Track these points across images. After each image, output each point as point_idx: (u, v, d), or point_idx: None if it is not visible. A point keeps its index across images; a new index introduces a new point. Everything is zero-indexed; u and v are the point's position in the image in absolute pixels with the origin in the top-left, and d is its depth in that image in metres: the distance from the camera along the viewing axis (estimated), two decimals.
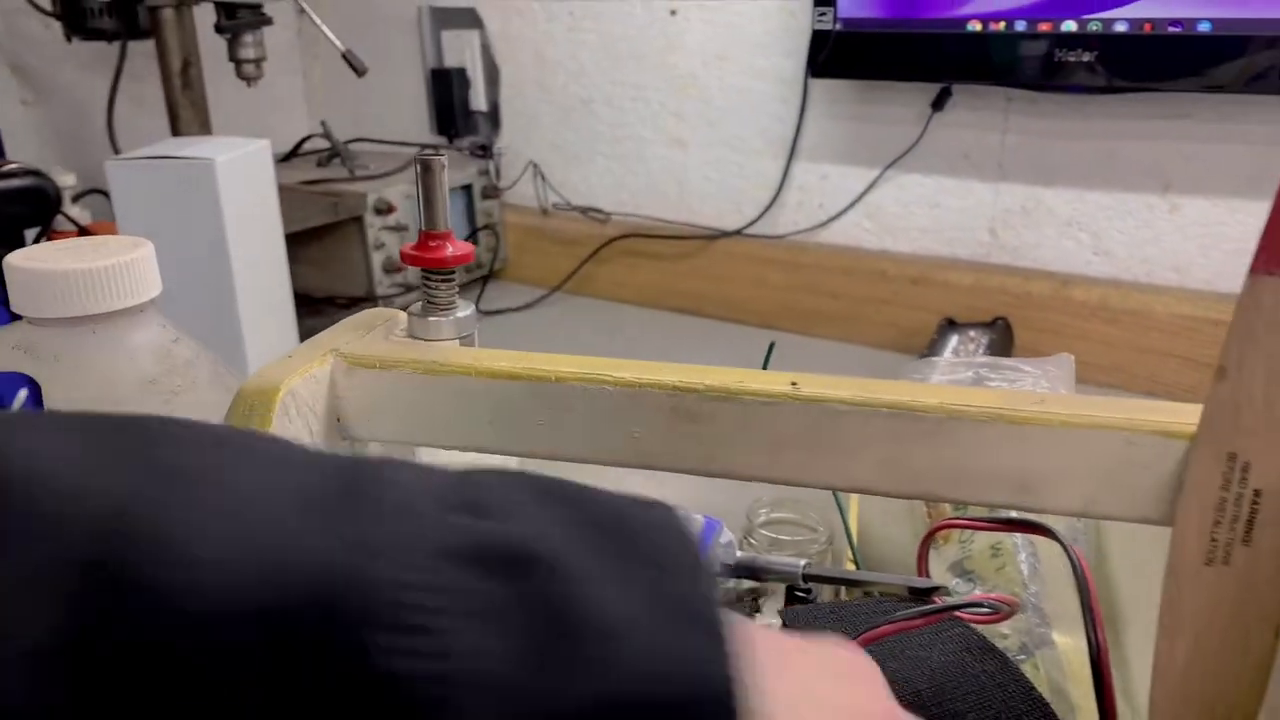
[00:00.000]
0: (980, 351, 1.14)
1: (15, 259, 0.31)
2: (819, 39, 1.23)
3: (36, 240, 1.01)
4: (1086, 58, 1.06)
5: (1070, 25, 1.05)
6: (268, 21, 1.20)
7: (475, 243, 1.50)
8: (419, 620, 0.15)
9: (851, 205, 1.37)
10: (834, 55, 1.23)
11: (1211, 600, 0.24)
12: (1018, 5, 1.08)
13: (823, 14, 1.20)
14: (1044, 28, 1.07)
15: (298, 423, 0.29)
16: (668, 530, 0.19)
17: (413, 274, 1.36)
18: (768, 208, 1.42)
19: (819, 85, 1.32)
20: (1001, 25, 1.09)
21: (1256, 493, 0.24)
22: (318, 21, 1.21)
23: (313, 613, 0.15)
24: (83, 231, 1.07)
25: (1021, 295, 1.23)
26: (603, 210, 1.54)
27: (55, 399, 0.32)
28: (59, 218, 1.03)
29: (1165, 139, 1.14)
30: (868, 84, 1.29)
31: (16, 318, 0.33)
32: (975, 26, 1.11)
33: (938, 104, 1.24)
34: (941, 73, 1.20)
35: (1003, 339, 1.20)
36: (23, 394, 0.87)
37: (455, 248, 0.34)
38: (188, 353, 0.34)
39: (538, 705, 0.15)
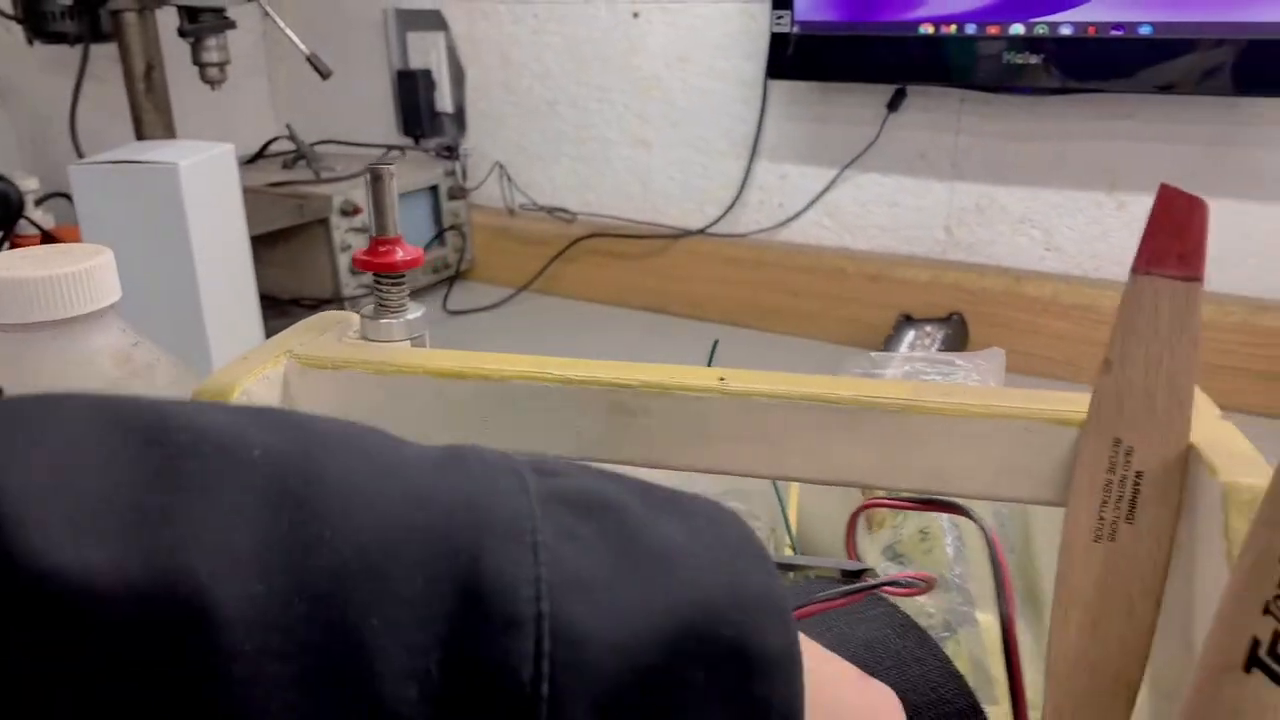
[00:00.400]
0: (936, 346, 1.17)
1: None
2: (777, 41, 1.25)
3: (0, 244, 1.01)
4: (1034, 60, 1.09)
5: (1018, 28, 1.08)
6: (231, 25, 1.21)
7: (443, 243, 1.52)
8: (530, 540, 0.19)
9: (811, 204, 1.39)
10: (792, 57, 1.25)
11: (1100, 574, 0.26)
12: (968, 9, 1.10)
13: (780, 17, 1.22)
14: (993, 30, 1.10)
15: None
16: (696, 497, 0.23)
17: None
18: (730, 207, 1.44)
19: (778, 86, 1.35)
20: (952, 28, 1.12)
21: (1138, 475, 0.26)
22: (282, 25, 1.21)
23: (458, 536, 0.19)
24: (46, 236, 1.07)
25: (976, 291, 1.26)
26: (568, 210, 1.56)
27: None
28: (22, 222, 1.03)
29: (1112, 139, 1.17)
30: (825, 85, 1.31)
31: None
32: (927, 29, 1.13)
33: (893, 105, 1.27)
34: (896, 74, 1.23)
35: (958, 333, 1.23)
36: None
37: (405, 252, 0.35)
38: (148, 356, 0.35)
39: (624, 604, 0.19)
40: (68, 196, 1.24)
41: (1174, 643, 0.27)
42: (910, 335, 1.25)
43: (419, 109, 1.56)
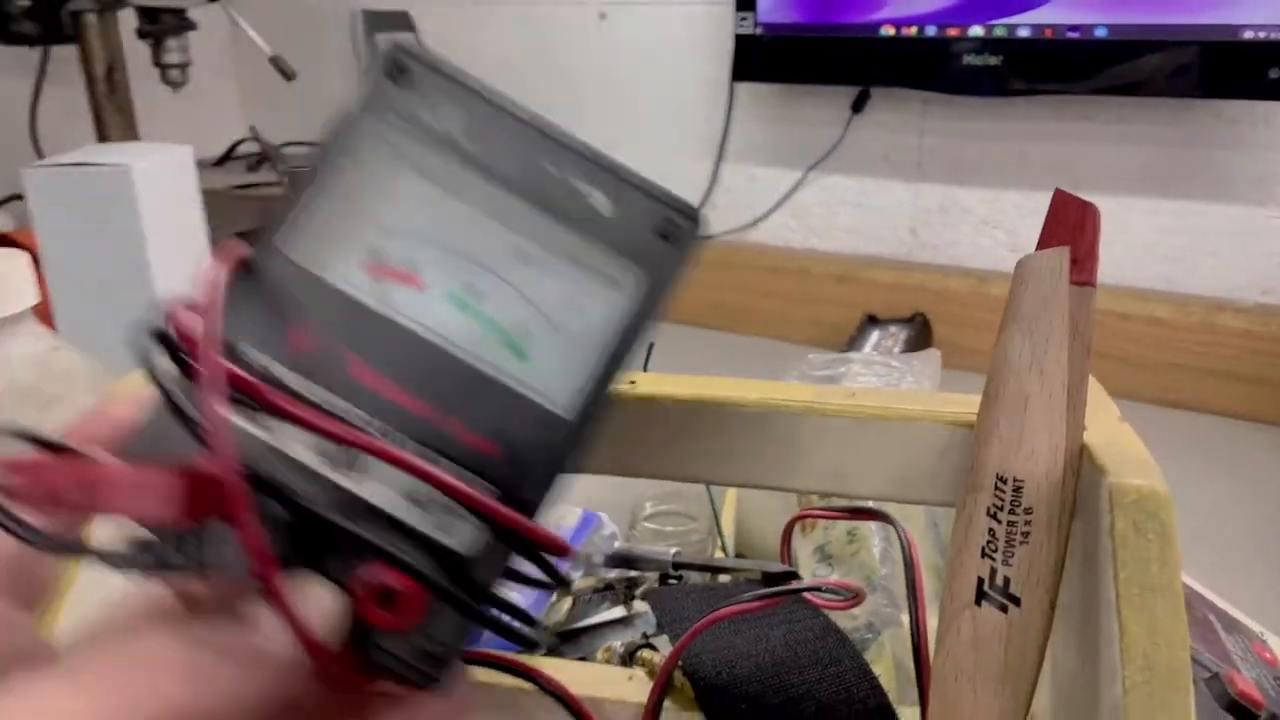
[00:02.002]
0: (899, 347, 1.18)
1: None
2: (741, 43, 1.25)
3: None
4: (994, 61, 1.10)
5: (977, 30, 1.09)
6: (191, 26, 1.20)
7: None
8: None
9: (777, 206, 1.40)
10: (756, 59, 1.26)
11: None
12: (927, 10, 1.11)
13: (744, 18, 1.23)
14: (952, 32, 1.11)
15: None
16: None
17: None
18: (698, 208, 1.44)
19: (743, 88, 1.35)
20: (913, 30, 1.13)
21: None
22: (245, 26, 1.21)
23: None
24: (3, 239, 1.06)
25: (941, 291, 1.27)
26: None
27: None
28: None
29: (1071, 139, 1.18)
30: (789, 87, 1.32)
31: None
32: (889, 31, 1.14)
33: (857, 106, 1.27)
34: (859, 76, 1.23)
35: (921, 334, 1.24)
36: None
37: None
38: (65, 361, 0.35)
39: None
40: (24, 198, 1.22)
41: (1071, 644, 0.27)
42: (874, 336, 1.26)
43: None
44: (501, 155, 0.22)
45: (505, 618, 0.20)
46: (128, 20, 1.24)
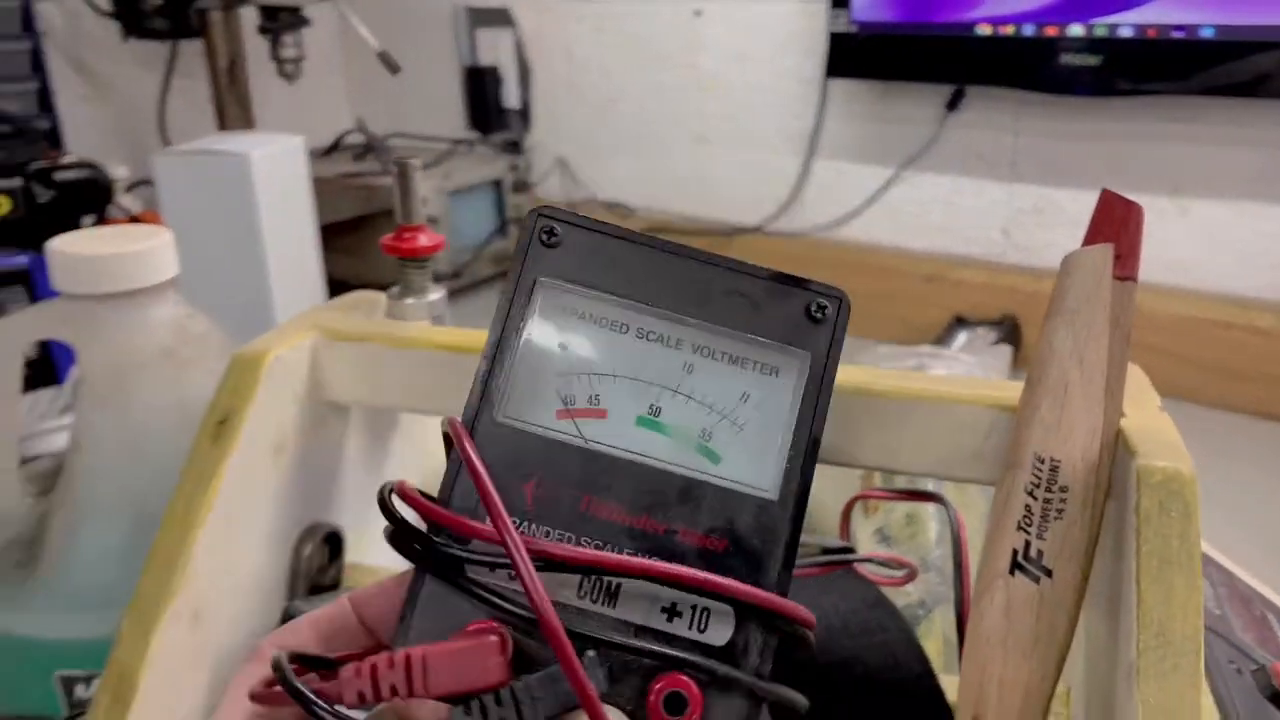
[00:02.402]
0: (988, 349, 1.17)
1: (55, 244, 0.37)
2: (836, 40, 1.26)
3: (92, 227, 1.09)
4: (1093, 61, 1.08)
5: (1077, 29, 1.08)
6: (305, 23, 1.27)
7: (505, 235, 1.56)
8: None
9: (868, 203, 1.40)
10: (850, 56, 1.26)
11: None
12: (1025, 9, 1.10)
13: (838, 16, 1.23)
14: (1050, 32, 1.09)
15: (283, 385, 0.35)
16: None
17: (441, 263, 1.42)
18: (787, 204, 1.46)
19: (837, 85, 1.36)
20: (1010, 29, 1.12)
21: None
22: (355, 23, 1.27)
23: None
24: (133, 220, 1.15)
25: (1033, 294, 1.25)
26: (628, 205, 1.59)
27: (88, 364, 0.38)
28: (111, 207, 1.10)
29: (1174, 142, 1.16)
30: (884, 84, 1.32)
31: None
32: (984, 30, 1.13)
33: (952, 105, 1.27)
34: (954, 74, 1.23)
35: (1010, 337, 1.23)
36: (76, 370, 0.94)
37: (428, 239, 0.39)
38: (200, 328, 0.40)
39: None
40: (152, 184, 1.32)
41: (1101, 617, 0.29)
42: (962, 337, 1.25)
43: (486, 104, 1.61)
44: (650, 284, 0.24)
45: (768, 687, 0.22)
46: (248, 17, 1.31)
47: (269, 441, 0.34)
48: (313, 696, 0.20)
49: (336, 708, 0.20)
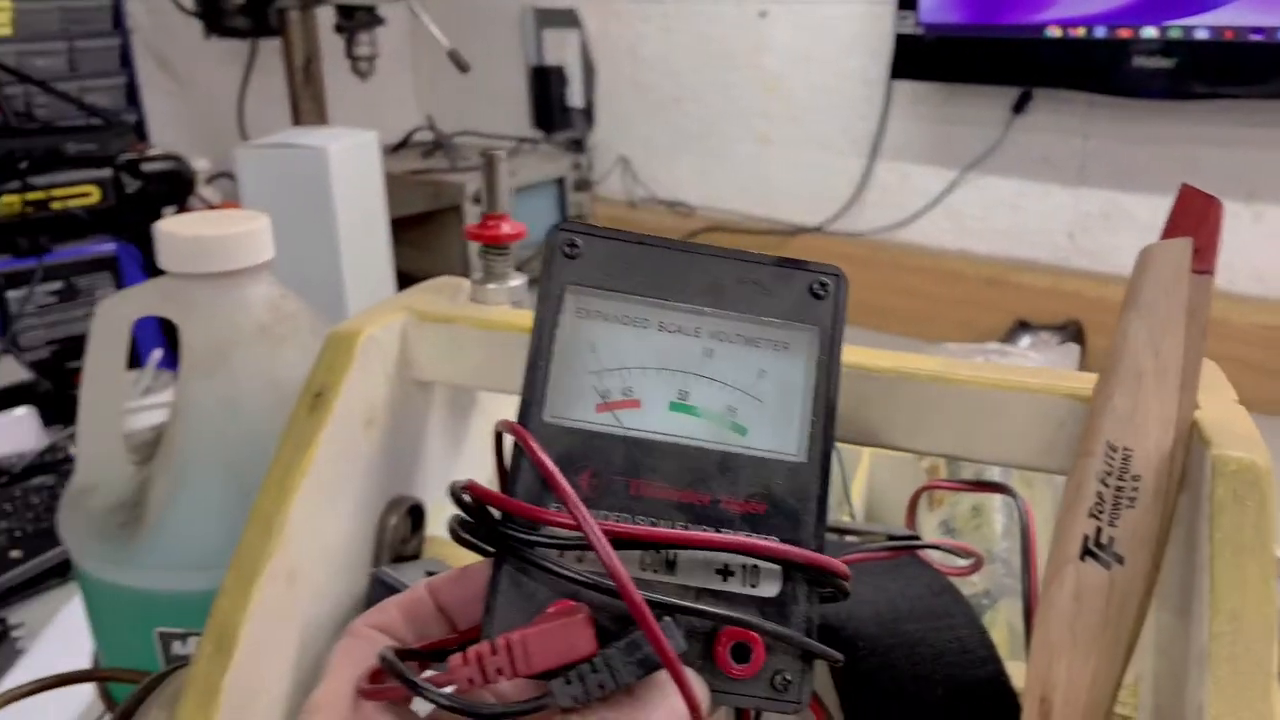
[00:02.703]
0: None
1: (163, 225, 0.39)
2: (902, 42, 1.26)
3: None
4: (1167, 64, 1.07)
5: (1150, 31, 1.06)
6: (380, 22, 1.30)
7: None
8: None
9: (931, 205, 1.39)
10: (916, 57, 1.26)
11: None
12: (1097, 11, 1.09)
13: (905, 17, 1.23)
14: (1123, 34, 1.08)
15: (375, 362, 0.36)
16: None
17: None
18: (849, 205, 1.46)
19: (902, 86, 1.35)
20: (1081, 31, 1.10)
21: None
22: (427, 22, 1.30)
23: None
24: (212, 210, 1.19)
25: (1097, 300, 1.24)
26: (688, 204, 1.60)
27: (190, 339, 0.40)
28: (193, 198, 1.15)
29: (1249, 147, 1.13)
30: (949, 86, 1.31)
31: (158, 274, 0.41)
32: (1055, 32, 1.12)
33: (1018, 107, 1.26)
34: (1022, 77, 1.22)
35: (1074, 342, 1.21)
36: (157, 353, 0.98)
37: (511, 227, 0.40)
38: (292, 307, 0.42)
39: None
40: (231, 176, 1.36)
41: (1172, 608, 0.29)
42: (1025, 341, 1.24)
43: (550, 103, 1.63)
44: (666, 281, 0.27)
45: (816, 645, 0.24)
46: (325, 16, 1.35)
47: (360, 415, 0.36)
48: (429, 687, 0.22)
49: (447, 693, 0.22)
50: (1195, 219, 0.29)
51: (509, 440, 0.25)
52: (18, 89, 1.16)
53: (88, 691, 0.55)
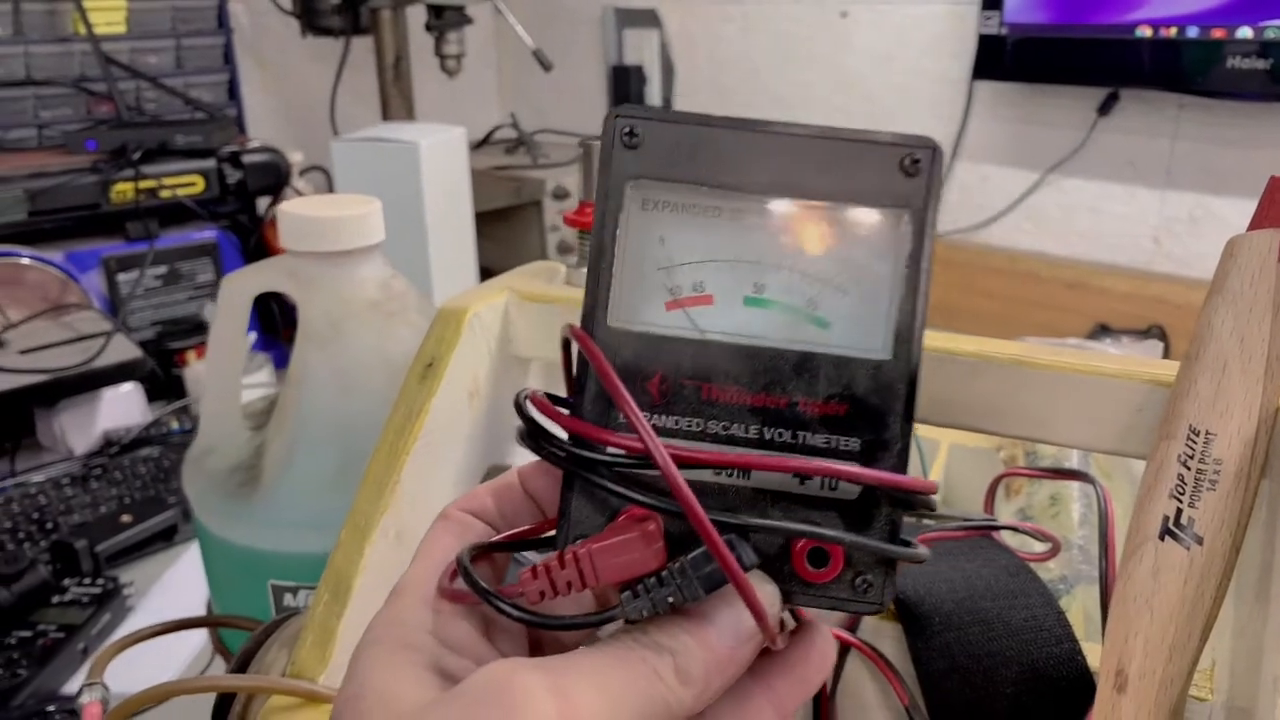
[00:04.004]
0: None
1: (286, 207, 0.42)
2: (985, 42, 1.25)
3: (269, 207, 1.18)
4: (1262, 65, 1.04)
5: (1245, 32, 1.04)
6: (469, 21, 1.34)
7: None
8: None
9: (1012, 207, 1.38)
10: (999, 58, 1.25)
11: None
12: (1189, 11, 1.07)
13: (989, 18, 1.22)
14: (1217, 34, 1.06)
15: (479, 338, 0.39)
16: None
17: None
18: None
19: (983, 87, 1.34)
20: (1172, 31, 1.09)
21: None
22: (513, 22, 1.34)
23: None
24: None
25: (1183, 305, 1.21)
26: None
27: (307, 313, 0.43)
28: (287, 189, 1.20)
29: None
30: (1032, 87, 1.30)
31: (256, 259, 0.44)
32: (1145, 32, 1.10)
33: (1104, 109, 1.24)
34: (1109, 77, 1.20)
35: (1166, 350, 1.19)
36: (251, 336, 1.03)
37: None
38: (401, 286, 0.44)
39: None
40: (323, 169, 1.41)
41: (1249, 593, 0.30)
42: (1107, 346, 1.22)
43: (629, 102, 1.65)
44: (738, 165, 0.24)
45: (898, 549, 0.23)
46: (414, 16, 1.40)
47: (465, 387, 0.38)
48: (500, 599, 0.22)
49: (516, 603, 0.22)
50: None
51: (576, 349, 0.24)
52: (130, 84, 1.23)
53: (197, 641, 0.59)
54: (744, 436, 0.24)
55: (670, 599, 0.21)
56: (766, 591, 0.22)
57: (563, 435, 0.24)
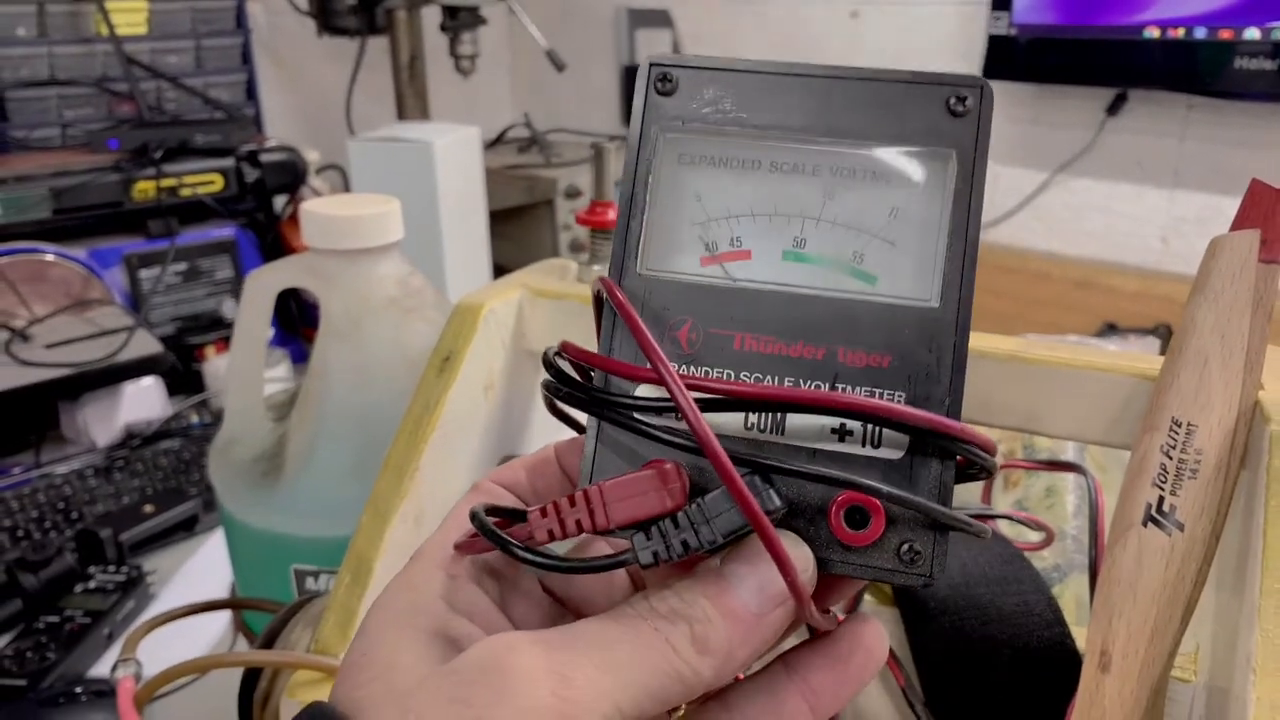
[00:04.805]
0: None
1: (309, 206, 0.44)
2: (995, 43, 1.26)
3: (285, 205, 1.20)
4: (1270, 66, 1.05)
5: (1253, 33, 1.05)
6: (483, 22, 1.36)
7: None
8: None
9: (1021, 206, 1.39)
10: (1009, 58, 1.26)
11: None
12: (1198, 12, 1.08)
13: (998, 18, 1.23)
14: (1225, 35, 1.07)
15: (494, 333, 0.40)
16: None
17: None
18: None
19: (993, 87, 1.35)
20: (1180, 32, 1.09)
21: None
22: (526, 23, 1.35)
23: None
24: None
25: None
26: None
27: (328, 308, 0.45)
28: (304, 187, 1.22)
29: None
30: (1041, 87, 1.31)
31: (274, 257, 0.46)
32: (1153, 33, 1.11)
33: (1112, 109, 1.25)
34: (1118, 78, 1.21)
35: (1164, 347, 1.20)
36: (269, 331, 1.05)
37: (615, 213, 0.44)
38: (419, 282, 0.46)
39: None
40: (340, 168, 1.43)
41: (1228, 579, 0.31)
42: (1112, 345, 1.23)
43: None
44: (774, 111, 0.23)
45: (945, 510, 0.21)
46: (429, 16, 1.41)
47: (481, 380, 0.40)
48: (506, 537, 0.21)
49: (525, 545, 0.21)
50: (1264, 212, 0.31)
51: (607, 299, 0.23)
52: (151, 84, 1.25)
53: (219, 627, 0.61)
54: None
55: (684, 541, 0.20)
56: (798, 555, 0.20)
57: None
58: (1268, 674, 0.25)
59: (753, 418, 0.22)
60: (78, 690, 0.58)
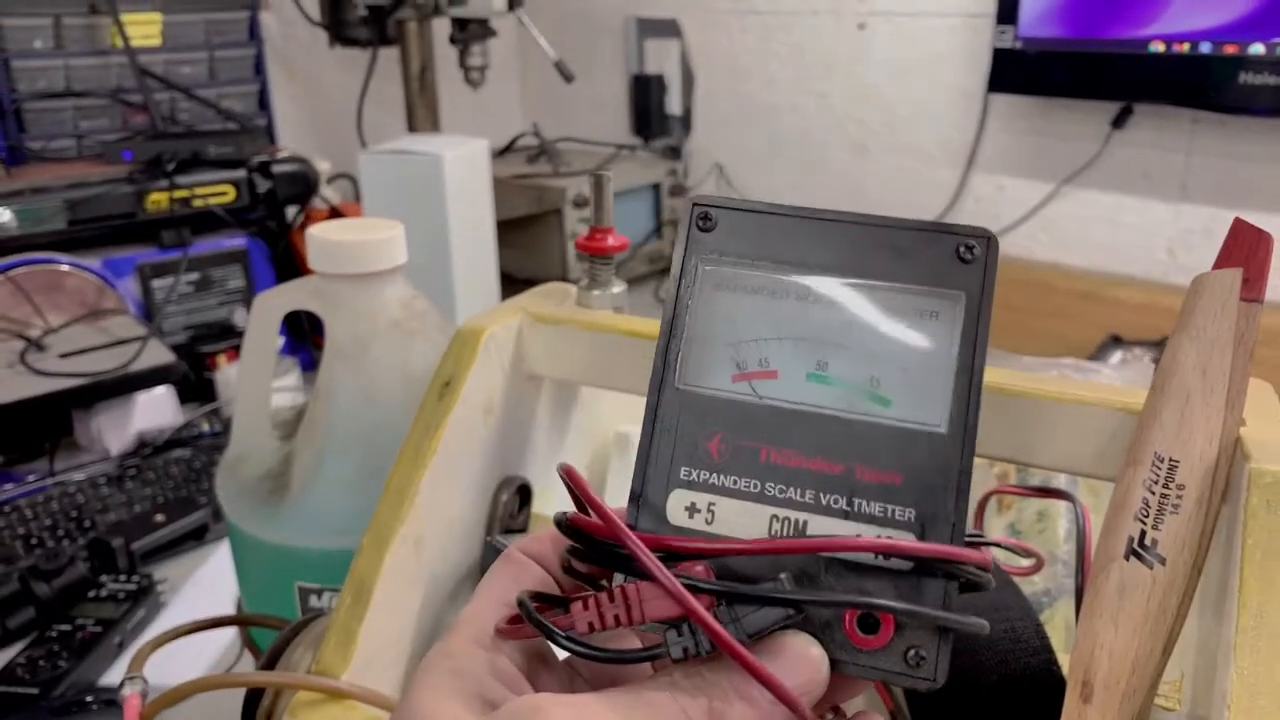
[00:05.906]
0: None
1: (314, 231, 0.45)
2: (1000, 56, 1.26)
3: (297, 215, 1.22)
4: (1274, 81, 1.05)
5: (1258, 49, 1.05)
6: (493, 34, 1.37)
7: (660, 237, 1.63)
8: None
9: (1027, 217, 1.39)
10: (1015, 71, 1.26)
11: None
12: (1203, 27, 1.08)
13: (1004, 31, 1.24)
14: (1230, 50, 1.07)
15: (494, 357, 0.41)
16: None
17: None
18: (943, 215, 1.46)
19: (999, 100, 1.36)
20: (1185, 47, 1.10)
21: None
22: (536, 35, 1.36)
23: None
24: (334, 210, 1.27)
25: None
26: None
27: (333, 331, 0.46)
28: (315, 198, 1.23)
29: None
30: (1048, 100, 1.31)
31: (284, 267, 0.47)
32: (1158, 47, 1.12)
33: (1118, 122, 1.25)
34: (1123, 92, 1.21)
35: None
36: (280, 340, 1.06)
37: (614, 239, 0.45)
38: (422, 306, 0.47)
39: None
40: (351, 177, 1.45)
41: (1209, 612, 0.32)
42: (1117, 356, 1.23)
43: (650, 111, 1.68)
44: (803, 251, 0.26)
45: (951, 617, 0.23)
46: (440, 28, 1.43)
47: (481, 403, 0.41)
48: (554, 629, 0.23)
49: (569, 634, 0.24)
50: (1246, 250, 0.31)
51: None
52: (165, 95, 1.27)
53: (227, 638, 0.62)
54: (800, 500, 0.25)
55: (711, 641, 0.22)
56: (813, 655, 0.23)
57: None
58: (1241, 711, 0.26)
59: (776, 525, 0.25)
60: (88, 699, 0.60)
